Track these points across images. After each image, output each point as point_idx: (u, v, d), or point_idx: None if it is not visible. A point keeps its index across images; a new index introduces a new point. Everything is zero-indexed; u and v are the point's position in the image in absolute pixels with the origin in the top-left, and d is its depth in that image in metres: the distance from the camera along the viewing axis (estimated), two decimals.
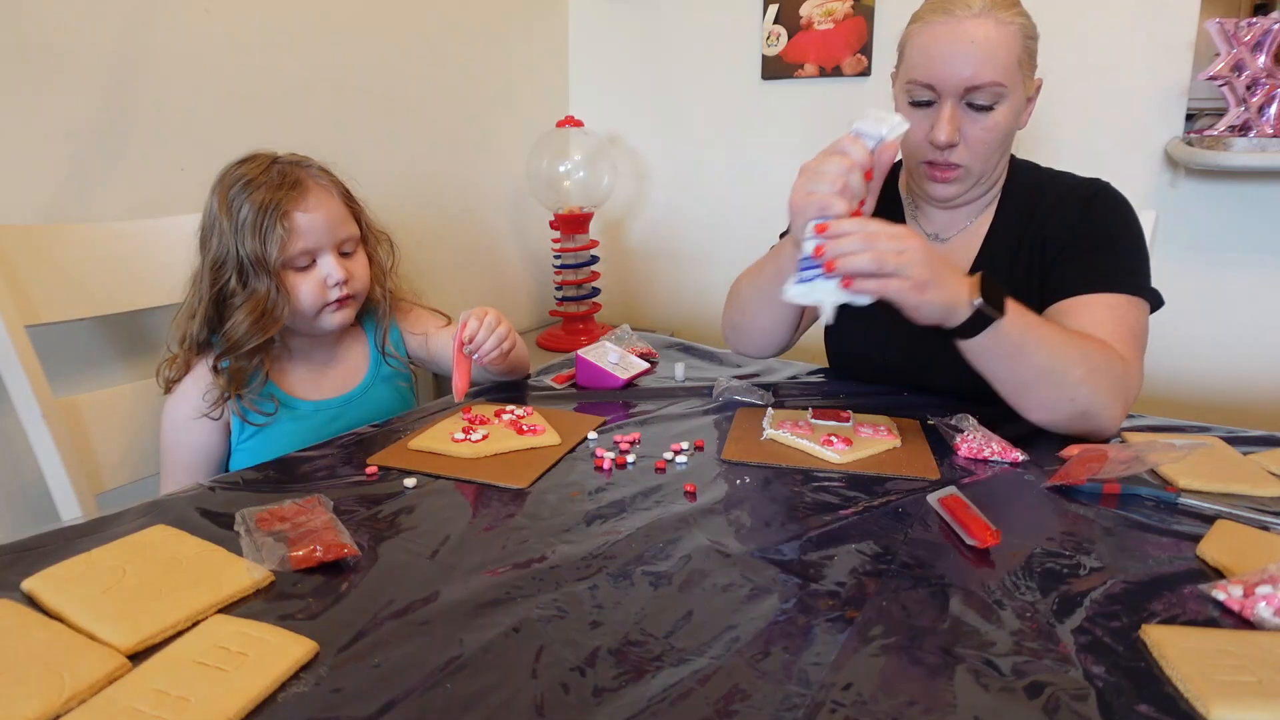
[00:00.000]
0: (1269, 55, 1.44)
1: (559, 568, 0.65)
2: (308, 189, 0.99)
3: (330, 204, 1.01)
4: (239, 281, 0.96)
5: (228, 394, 0.98)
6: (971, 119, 0.93)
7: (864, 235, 0.77)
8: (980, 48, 0.89)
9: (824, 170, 0.80)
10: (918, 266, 0.77)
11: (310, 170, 1.02)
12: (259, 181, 0.96)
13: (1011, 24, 0.90)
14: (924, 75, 0.92)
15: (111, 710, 0.47)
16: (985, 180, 0.99)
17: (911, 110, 0.96)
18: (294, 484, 0.81)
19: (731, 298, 1.09)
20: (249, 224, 0.94)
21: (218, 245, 0.97)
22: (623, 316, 2.29)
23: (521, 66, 2.11)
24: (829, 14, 1.87)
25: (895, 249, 0.77)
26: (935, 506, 0.74)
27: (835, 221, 0.79)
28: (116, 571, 0.61)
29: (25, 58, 1.12)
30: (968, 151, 0.94)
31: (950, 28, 0.90)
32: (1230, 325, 1.58)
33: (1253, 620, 0.57)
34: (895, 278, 0.77)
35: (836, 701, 0.49)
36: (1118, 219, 0.97)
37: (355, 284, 1.03)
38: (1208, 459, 0.83)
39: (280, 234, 0.94)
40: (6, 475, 1.14)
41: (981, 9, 0.90)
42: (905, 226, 0.80)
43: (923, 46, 0.93)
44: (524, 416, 0.96)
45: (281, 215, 0.95)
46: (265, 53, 1.44)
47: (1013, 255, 1.01)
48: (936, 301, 0.79)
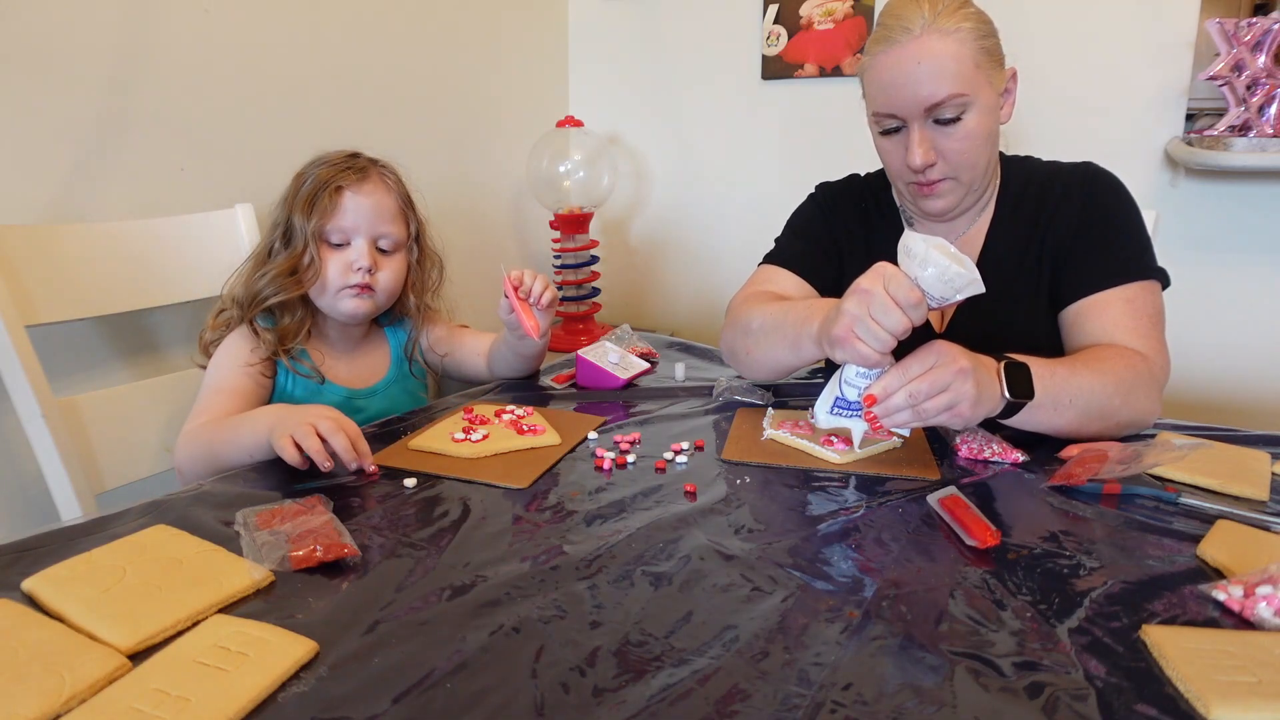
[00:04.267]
0: (1269, 55, 1.44)
1: (559, 568, 0.65)
2: (367, 176, 1.06)
3: (383, 197, 1.06)
4: (283, 243, 1.04)
5: (275, 351, 1.03)
6: (943, 134, 0.92)
7: (909, 394, 0.75)
8: (928, 66, 0.88)
9: (883, 322, 0.74)
10: (964, 404, 0.76)
11: (380, 166, 1.09)
12: (331, 162, 1.05)
13: (958, 31, 0.88)
14: (884, 106, 0.93)
15: (112, 710, 0.47)
16: (977, 186, 0.99)
17: (884, 139, 0.97)
18: (294, 484, 0.81)
19: (735, 325, 1.05)
20: (306, 193, 1.03)
21: (279, 212, 1.06)
22: (623, 316, 2.29)
23: (521, 66, 2.11)
24: (829, 14, 1.87)
25: (938, 392, 0.75)
26: (935, 507, 0.74)
27: (882, 383, 0.76)
28: (117, 571, 0.61)
29: (25, 58, 1.12)
30: (948, 165, 0.94)
31: (895, 55, 0.90)
32: (1230, 325, 1.58)
33: (1253, 620, 0.57)
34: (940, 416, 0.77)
35: (836, 701, 0.49)
36: (1117, 202, 0.98)
37: (380, 280, 1.06)
38: (1208, 459, 0.83)
39: (325, 204, 1.02)
40: (6, 475, 1.14)
41: (922, 28, 0.88)
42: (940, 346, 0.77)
43: (875, 79, 0.93)
44: (524, 416, 0.96)
45: (334, 190, 1.02)
46: (265, 53, 1.44)
47: (1020, 252, 1.01)
48: (984, 413, 0.80)
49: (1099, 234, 0.97)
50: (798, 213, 1.16)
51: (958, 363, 0.76)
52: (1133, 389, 0.87)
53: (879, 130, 0.96)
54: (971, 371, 0.76)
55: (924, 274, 0.71)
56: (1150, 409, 0.90)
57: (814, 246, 1.11)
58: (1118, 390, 0.86)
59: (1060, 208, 0.99)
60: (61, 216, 1.17)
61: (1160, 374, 0.91)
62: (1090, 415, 0.86)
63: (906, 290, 0.72)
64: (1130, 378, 0.87)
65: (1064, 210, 0.99)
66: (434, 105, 1.84)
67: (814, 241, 1.11)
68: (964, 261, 0.71)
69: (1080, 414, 0.85)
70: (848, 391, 0.81)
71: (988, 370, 0.80)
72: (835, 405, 0.83)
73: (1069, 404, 0.84)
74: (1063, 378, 0.84)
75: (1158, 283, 0.95)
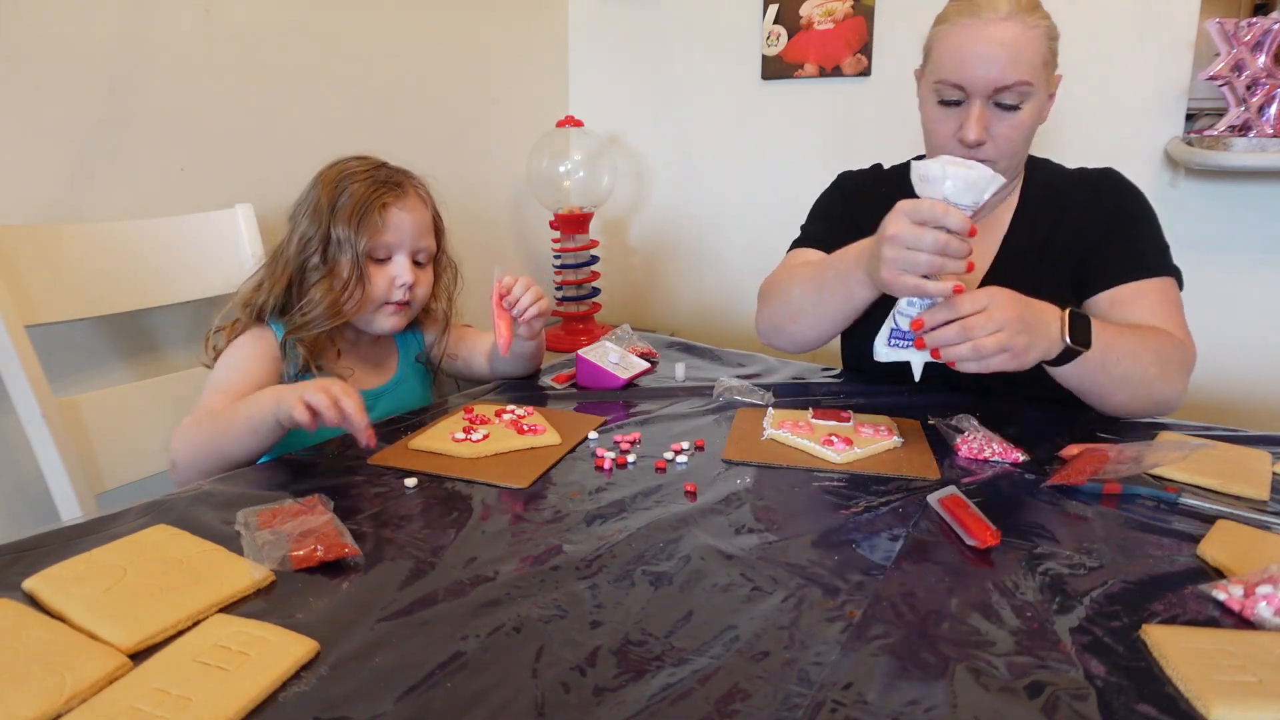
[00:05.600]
0: (1269, 55, 1.44)
1: (559, 567, 0.65)
2: (407, 191, 1.06)
3: (421, 212, 1.07)
4: (322, 259, 1.01)
5: (307, 368, 1.01)
6: (999, 117, 0.95)
7: (961, 327, 0.77)
8: (1008, 49, 0.91)
9: (918, 248, 0.76)
10: (1017, 338, 0.77)
11: (412, 179, 1.09)
12: (366, 175, 1.04)
13: (1037, 27, 0.93)
14: (953, 75, 0.94)
15: (112, 710, 0.47)
16: (1009, 175, 1.02)
17: (939, 109, 0.98)
18: (294, 483, 0.81)
19: (774, 300, 1.07)
20: (348, 208, 1.01)
21: (309, 223, 1.02)
22: (623, 316, 2.29)
23: (521, 66, 2.11)
24: (829, 14, 1.87)
25: (991, 330, 0.77)
26: (935, 506, 0.74)
27: (931, 314, 0.78)
28: (117, 571, 0.61)
29: (25, 58, 1.12)
30: (995, 148, 0.97)
31: (978, 30, 0.92)
32: (1230, 325, 1.58)
33: (1253, 620, 0.57)
34: (997, 357, 0.78)
35: (837, 701, 0.49)
36: (1139, 207, 1.02)
37: (418, 292, 1.07)
38: (1208, 459, 0.83)
39: (375, 222, 1.01)
40: (6, 475, 1.14)
41: (1008, 12, 0.92)
42: (993, 290, 0.79)
43: (952, 48, 0.95)
44: (524, 416, 0.96)
45: (380, 206, 1.02)
46: (265, 53, 1.44)
47: (1042, 243, 1.04)
48: (1037, 357, 0.82)
49: (1125, 232, 1.01)
50: (822, 199, 1.19)
51: (1008, 308, 0.78)
52: (1168, 364, 0.90)
53: (938, 99, 0.98)
54: (1022, 315, 0.78)
55: (945, 188, 0.75)
56: (1179, 389, 0.93)
57: (840, 228, 1.13)
58: (1156, 360, 0.89)
59: (1083, 207, 1.03)
60: (61, 216, 1.17)
61: (1191, 359, 0.95)
62: (1130, 380, 0.89)
63: (929, 207, 0.75)
64: (1168, 353, 0.91)
65: (1087, 210, 1.03)
66: (434, 105, 1.84)
67: (839, 223, 1.13)
68: (974, 165, 0.75)
69: (1121, 377, 0.88)
70: (900, 321, 0.83)
71: (1043, 313, 0.83)
72: (891, 337, 0.84)
73: (1115, 362, 0.87)
74: (1113, 335, 0.87)
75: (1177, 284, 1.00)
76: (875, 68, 1.85)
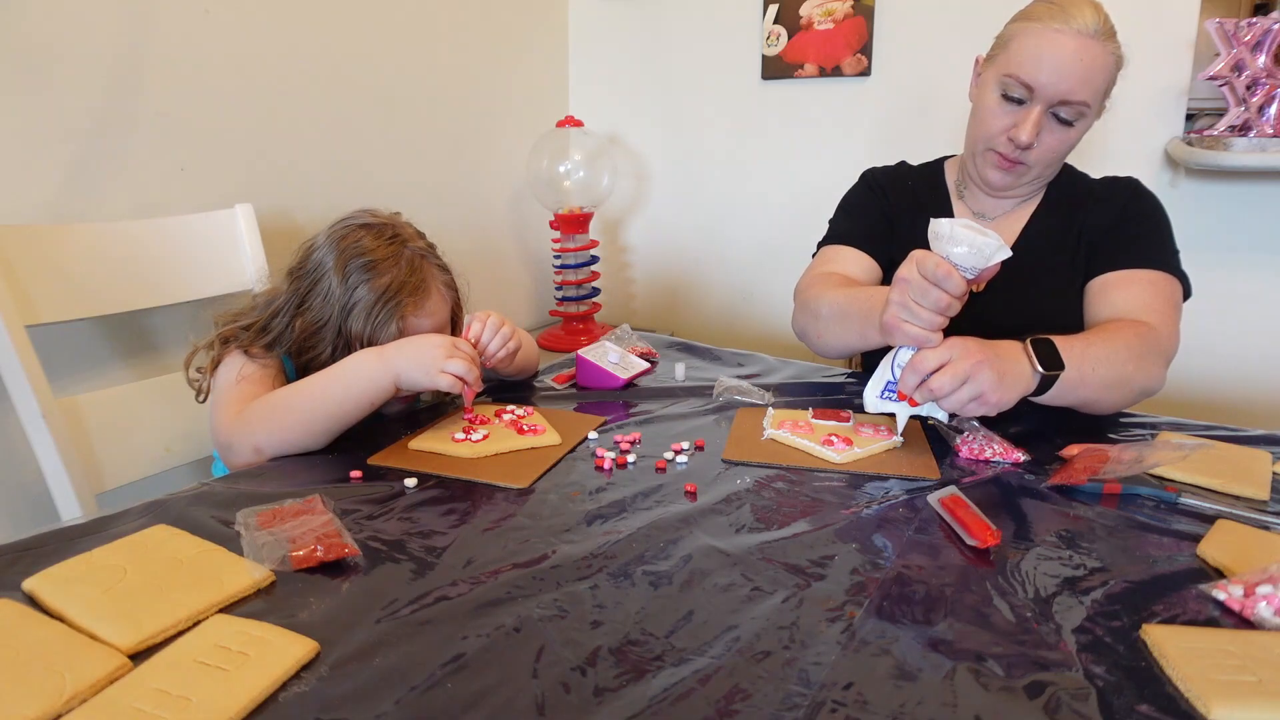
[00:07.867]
0: (1269, 55, 1.44)
1: (559, 568, 0.65)
2: (429, 293, 0.98)
3: (443, 312, 1.01)
4: (331, 351, 0.95)
5: None
6: (1051, 128, 0.97)
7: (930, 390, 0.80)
8: (1085, 66, 0.93)
9: (921, 302, 0.78)
10: (988, 391, 0.79)
11: (434, 267, 1.01)
12: (385, 268, 0.94)
13: (1113, 54, 0.95)
14: (1027, 75, 0.95)
15: (113, 710, 0.47)
16: (1040, 180, 1.06)
17: (1000, 102, 0.99)
18: (294, 484, 0.81)
19: (805, 311, 1.08)
20: (364, 307, 0.93)
21: (321, 305, 0.95)
22: (623, 316, 2.29)
23: (522, 67, 2.11)
24: (829, 14, 1.87)
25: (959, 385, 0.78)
26: (935, 506, 0.74)
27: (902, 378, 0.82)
28: (117, 571, 0.61)
29: (25, 58, 1.12)
30: (1037, 155, 0.99)
31: (1065, 39, 0.93)
32: (1230, 325, 1.58)
33: (1253, 620, 0.57)
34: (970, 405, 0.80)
35: (837, 701, 0.49)
36: (1155, 212, 1.05)
37: None
38: (1208, 459, 0.83)
39: (393, 331, 0.94)
40: (6, 475, 1.14)
41: (1095, 31, 0.93)
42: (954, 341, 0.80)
43: (1033, 48, 0.95)
44: (524, 416, 0.96)
45: (400, 314, 0.94)
46: (265, 53, 1.44)
47: (1058, 237, 1.07)
48: (1015, 396, 0.83)
49: (1134, 228, 1.03)
50: (849, 195, 1.21)
51: (971, 356, 0.79)
52: (1143, 355, 0.91)
53: (1002, 92, 0.99)
54: (988, 360, 0.79)
55: (955, 250, 0.76)
56: (1158, 376, 0.93)
57: (869, 222, 1.15)
58: (1130, 356, 0.89)
59: (1102, 205, 1.05)
60: (61, 216, 1.17)
61: (1168, 346, 0.95)
62: (1110, 384, 0.89)
63: (935, 266, 0.76)
64: (1139, 345, 0.91)
65: (1105, 209, 1.05)
66: (434, 105, 1.84)
67: (868, 216, 1.15)
68: (988, 234, 0.76)
69: (1101, 383, 0.88)
70: (896, 373, 0.84)
71: (1009, 353, 0.83)
72: (886, 389, 0.86)
73: (1091, 372, 0.87)
74: (1081, 349, 0.87)
75: (1180, 284, 1.00)
76: (875, 68, 1.85)
